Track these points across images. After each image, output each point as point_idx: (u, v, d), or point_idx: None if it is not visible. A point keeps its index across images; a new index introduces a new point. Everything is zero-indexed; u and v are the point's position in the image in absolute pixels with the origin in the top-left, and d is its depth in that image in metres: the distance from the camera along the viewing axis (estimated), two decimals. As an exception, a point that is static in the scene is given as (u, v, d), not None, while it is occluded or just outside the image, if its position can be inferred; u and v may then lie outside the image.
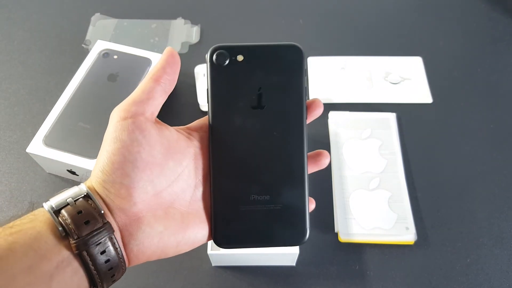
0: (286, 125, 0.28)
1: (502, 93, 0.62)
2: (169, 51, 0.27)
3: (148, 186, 0.25)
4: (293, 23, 0.70)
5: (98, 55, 0.57)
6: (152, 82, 0.26)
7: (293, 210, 0.28)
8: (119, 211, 0.24)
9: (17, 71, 0.63)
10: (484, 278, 0.46)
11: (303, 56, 0.29)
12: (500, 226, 0.49)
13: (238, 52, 0.28)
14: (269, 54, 0.28)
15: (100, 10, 0.70)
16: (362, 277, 0.46)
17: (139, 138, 0.24)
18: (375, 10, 0.72)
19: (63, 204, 0.23)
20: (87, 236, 0.22)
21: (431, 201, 0.51)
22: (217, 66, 0.28)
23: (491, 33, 0.69)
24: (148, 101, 0.26)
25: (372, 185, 0.52)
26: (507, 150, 0.56)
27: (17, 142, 0.55)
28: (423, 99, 0.61)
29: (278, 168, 0.28)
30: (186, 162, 0.27)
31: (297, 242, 0.29)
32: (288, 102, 0.28)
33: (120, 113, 0.25)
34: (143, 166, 0.24)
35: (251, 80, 0.28)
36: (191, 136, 0.28)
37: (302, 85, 0.28)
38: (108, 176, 0.24)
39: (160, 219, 0.26)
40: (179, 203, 0.27)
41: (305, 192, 0.28)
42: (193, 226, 0.27)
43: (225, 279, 0.46)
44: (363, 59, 0.65)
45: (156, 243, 0.25)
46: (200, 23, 0.69)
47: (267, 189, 0.28)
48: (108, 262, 0.23)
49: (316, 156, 0.30)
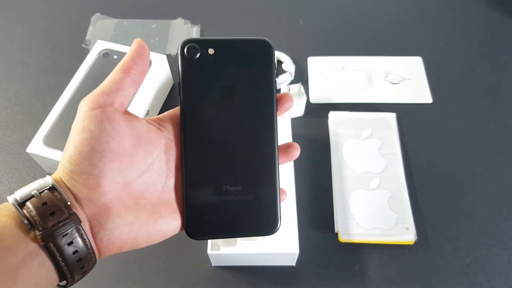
0: (257, 117, 0.29)
1: (502, 93, 0.62)
2: (138, 42, 0.27)
3: (117, 176, 0.25)
4: (293, 23, 0.70)
5: (98, 55, 0.57)
6: (122, 73, 0.26)
7: (264, 200, 0.29)
8: (88, 201, 0.24)
9: (17, 71, 0.63)
10: (484, 278, 0.46)
11: (272, 50, 0.29)
12: (500, 226, 0.49)
13: (209, 46, 0.28)
14: (239, 48, 0.29)
15: (100, 10, 0.70)
16: (362, 277, 0.46)
17: (107, 129, 0.24)
18: (375, 10, 0.72)
19: (27, 196, 0.23)
20: (52, 227, 0.22)
21: (431, 201, 0.51)
22: (188, 59, 0.28)
23: (491, 33, 0.69)
24: (117, 92, 0.25)
25: (372, 185, 0.52)
26: (507, 150, 0.56)
27: (17, 142, 0.55)
28: (423, 99, 0.61)
29: (250, 159, 0.29)
30: (156, 153, 0.27)
31: (268, 231, 0.29)
32: (258, 95, 0.29)
33: (89, 103, 0.25)
34: (112, 156, 0.24)
35: (222, 73, 0.28)
36: (162, 127, 0.28)
37: (272, 78, 0.29)
38: (76, 166, 0.24)
39: (131, 209, 0.25)
40: (150, 194, 0.27)
41: (276, 182, 0.29)
42: (165, 216, 0.27)
43: (225, 279, 0.46)
44: (363, 59, 0.65)
45: (127, 233, 0.25)
46: (200, 23, 0.69)
47: (239, 180, 0.28)
48: (76, 253, 0.23)
49: (286, 148, 0.30)
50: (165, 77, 0.59)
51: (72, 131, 0.25)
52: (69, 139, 0.25)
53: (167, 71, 0.59)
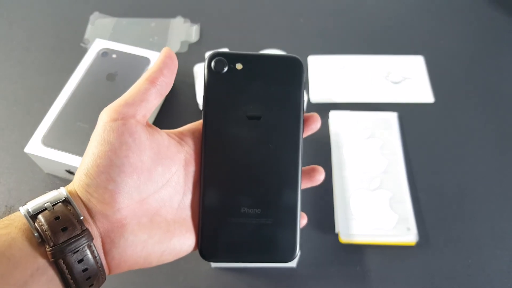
0: (282, 138, 0.28)
1: (504, 93, 0.61)
2: (166, 52, 0.26)
3: (134, 192, 0.24)
4: (293, 22, 0.70)
5: (96, 54, 0.57)
6: (147, 84, 0.25)
7: (284, 226, 0.27)
8: (102, 216, 0.23)
9: (15, 70, 0.62)
10: (485, 279, 0.46)
11: (303, 69, 0.28)
12: (502, 226, 0.49)
13: (237, 61, 0.27)
14: (268, 64, 0.28)
15: (99, 9, 0.69)
16: (363, 278, 0.46)
17: (128, 142, 0.23)
18: (376, 9, 0.72)
19: (40, 208, 0.22)
20: (64, 244, 0.21)
21: (432, 201, 0.51)
22: (215, 73, 0.27)
23: (493, 32, 0.69)
24: (141, 103, 0.24)
25: (373, 185, 0.51)
26: (509, 150, 0.56)
27: (15, 142, 0.55)
28: (425, 99, 0.61)
29: (271, 182, 0.27)
30: (175, 168, 0.26)
31: (285, 259, 0.28)
32: (285, 115, 0.28)
33: (111, 114, 0.24)
34: (131, 171, 0.23)
35: (249, 89, 0.27)
36: (183, 142, 0.27)
37: (301, 98, 0.28)
38: (92, 180, 0.23)
39: (145, 227, 0.24)
40: (166, 210, 0.26)
41: (297, 208, 0.28)
42: (179, 235, 0.26)
43: (224, 281, 0.45)
44: (364, 58, 0.65)
45: (139, 252, 0.24)
46: (199, 22, 0.68)
47: (259, 202, 0.27)
48: (86, 271, 0.22)
49: (310, 172, 0.29)
50: (164, 76, 0.58)
51: (91, 142, 0.24)
52: (87, 150, 0.24)
53: (166, 70, 0.59)
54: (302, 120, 0.28)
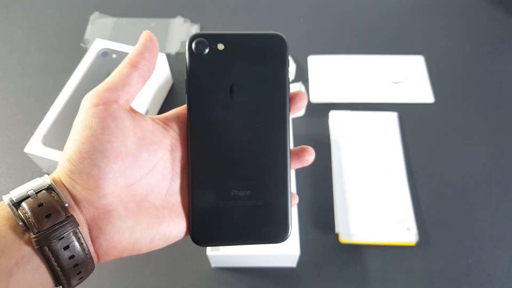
0: (269, 118, 0.27)
1: (504, 93, 0.61)
2: (146, 35, 0.25)
3: (119, 178, 0.23)
4: (293, 21, 0.70)
5: (96, 54, 0.57)
6: (129, 68, 0.25)
7: (275, 206, 0.27)
8: (87, 203, 0.23)
9: (15, 70, 0.62)
10: (485, 279, 0.46)
11: (286, 46, 0.27)
12: (502, 226, 0.49)
13: (219, 41, 0.27)
14: (251, 43, 0.27)
15: (99, 9, 0.69)
16: (363, 278, 0.45)
17: (111, 126, 0.23)
18: (376, 9, 0.72)
19: (23, 196, 0.22)
20: (48, 230, 0.21)
21: (432, 201, 0.51)
22: (196, 55, 0.27)
23: (493, 32, 0.69)
24: (123, 88, 0.24)
25: (373, 186, 0.51)
26: (509, 150, 0.56)
27: (15, 142, 0.55)
28: (425, 99, 0.61)
29: (260, 163, 0.27)
30: (161, 153, 0.26)
31: (279, 239, 0.27)
32: (270, 94, 0.27)
33: (92, 100, 0.23)
34: (114, 156, 0.23)
35: (232, 70, 0.27)
36: (168, 127, 0.27)
37: (286, 76, 0.27)
38: (75, 166, 0.23)
39: (132, 212, 0.24)
40: (154, 196, 0.25)
41: (288, 187, 0.27)
42: (169, 220, 0.26)
43: (224, 281, 0.45)
44: (364, 58, 0.65)
45: (127, 238, 0.24)
46: (199, 22, 0.68)
47: (248, 184, 0.27)
48: (72, 258, 0.22)
49: (299, 152, 0.28)
50: (164, 76, 0.58)
51: (73, 129, 0.23)
52: (70, 137, 0.23)
53: (166, 70, 0.59)
54: (288, 99, 0.27)
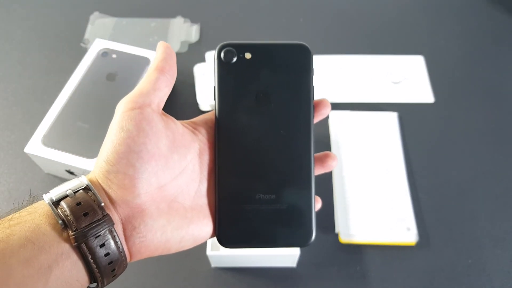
0: (293, 124, 0.28)
1: (504, 93, 0.61)
2: (164, 45, 0.27)
3: (152, 178, 0.25)
4: (293, 21, 0.70)
5: (96, 54, 0.57)
6: (157, 73, 0.26)
7: (299, 210, 0.28)
8: (122, 202, 0.24)
9: (15, 70, 0.62)
10: (485, 279, 0.46)
11: (311, 55, 0.28)
12: (502, 226, 0.49)
13: (246, 50, 0.28)
14: (277, 52, 0.28)
15: (99, 9, 0.69)
16: (363, 278, 0.45)
17: (146, 129, 0.24)
18: (376, 9, 0.72)
19: (62, 196, 0.23)
20: (86, 228, 0.22)
21: (432, 201, 0.51)
22: (224, 63, 0.28)
23: (493, 32, 0.69)
24: (154, 92, 0.25)
25: (373, 186, 0.51)
26: (509, 150, 0.56)
27: (15, 142, 0.55)
28: (425, 99, 0.61)
29: (285, 168, 0.28)
30: (190, 156, 0.27)
31: (302, 243, 0.28)
32: (295, 101, 0.28)
33: (127, 104, 0.25)
34: (148, 157, 0.24)
35: (259, 78, 0.28)
36: (196, 131, 0.28)
37: (310, 84, 0.28)
38: (112, 166, 0.24)
39: (164, 212, 0.25)
40: (183, 197, 0.27)
41: (312, 192, 0.28)
42: (197, 221, 0.27)
43: (224, 281, 0.45)
44: (364, 58, 0.65)
45: (159, 237, 0.25)
46: (199, 22, 0.68)
47: (273, 188, 0.28)
48: (108, 255, 0.23)
49: (323, 158, 0.30)
50: (164, 76, 0.58)
51: (110, 131, 0.25)
52: (106, 138, 0.25)
53: (166, 70, 0.59)
54: (312, 106, 0.29)
